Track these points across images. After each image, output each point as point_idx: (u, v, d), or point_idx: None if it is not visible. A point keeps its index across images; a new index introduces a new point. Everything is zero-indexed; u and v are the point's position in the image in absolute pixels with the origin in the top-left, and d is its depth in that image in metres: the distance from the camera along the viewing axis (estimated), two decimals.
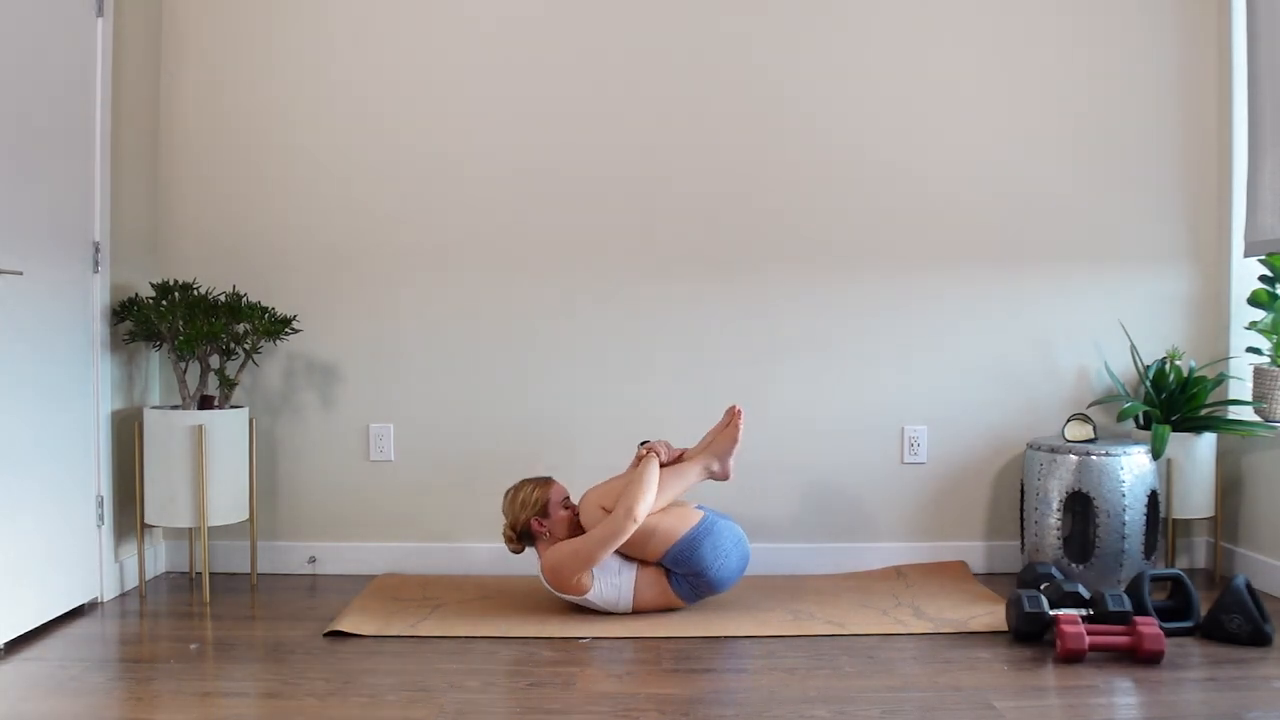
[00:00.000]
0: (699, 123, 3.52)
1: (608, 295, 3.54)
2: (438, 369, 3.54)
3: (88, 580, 3.07)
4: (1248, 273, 3.50)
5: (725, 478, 3.11)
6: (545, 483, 3.06)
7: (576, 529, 3.01)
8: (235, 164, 3.52)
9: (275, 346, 3.51)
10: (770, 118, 3.53)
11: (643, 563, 2.97)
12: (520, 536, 3.04)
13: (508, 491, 3.07)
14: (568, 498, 3.06)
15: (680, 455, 3.11)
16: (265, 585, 3.37)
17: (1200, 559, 3.62)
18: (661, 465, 3.03)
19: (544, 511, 3.00)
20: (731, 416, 3.10)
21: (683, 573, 2.94)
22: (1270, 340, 3.36)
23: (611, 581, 2.94)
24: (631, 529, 2.85)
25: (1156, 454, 3.23)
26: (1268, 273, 3.34)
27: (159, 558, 3.50)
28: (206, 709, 2.27)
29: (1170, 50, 3.57)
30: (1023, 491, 3.39)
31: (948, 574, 3.43)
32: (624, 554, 2.97)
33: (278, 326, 3.27)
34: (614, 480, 3.05)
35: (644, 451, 3.06)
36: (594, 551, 2.87)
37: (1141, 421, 3.48)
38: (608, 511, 2.92)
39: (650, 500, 2.89)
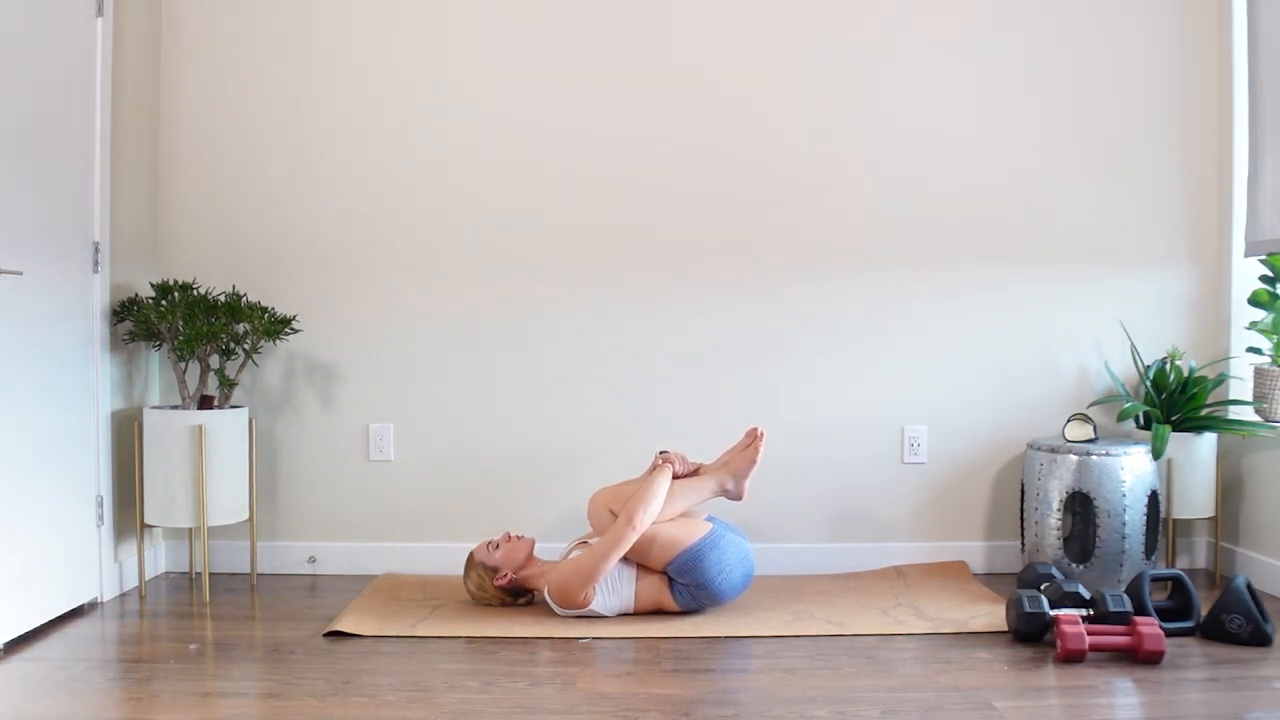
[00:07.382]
0: (700, 123, 3.52)
1: (608, 295, 3.54)
2: (438, 369, 3.53)
3: (87, 580, 3.07)
4: (1248, 273, 3.50)
5: (739, 498, 3.09)
6: (468, 564, 3.07)
7: (516, 546, 3.02)
8: (235, 164, 3.52)
9: (275, 346, 3.51)
10: (772, 119, 3.53)
11: (645, 570, 2.96)
12: (511, 595, 3.05)
13: (467, 588, 3.08)
14: (487, 543, 3.06)
15: (696, 470, 3.10)
16: (265, 585, 3.37)
17: (1200, 559, 3.62)
18: (676, 478, 3.02)
19: (494, 571, 3.01)
20: (752, 438, 3.05)
21: (685, 583, 2.93)
22: (1270, 340, 3.35)
23: (613, 591, 2.93)
24: (632, 539, 2.85)
25: (1157, 454, 3.23)
26: (1268, 273, 3.34)
27: (159, 558, 3.50)
28: (206, 709, 2.27)
29: (1170, 50, 3.57)
30: (1023, 491, 3.38)
31: (948, 574, 3.43)
32: (624, 560, 2.95)
33: (277, 326, 3.27)
34: (625, 484, 3.05)
35: (660, 461, 3.05)
36: (596, 566, 2.86)
37: (1141, 421, 3.48)
38: (615, 514, 2.92)
39: (654, 511, 2.89)
